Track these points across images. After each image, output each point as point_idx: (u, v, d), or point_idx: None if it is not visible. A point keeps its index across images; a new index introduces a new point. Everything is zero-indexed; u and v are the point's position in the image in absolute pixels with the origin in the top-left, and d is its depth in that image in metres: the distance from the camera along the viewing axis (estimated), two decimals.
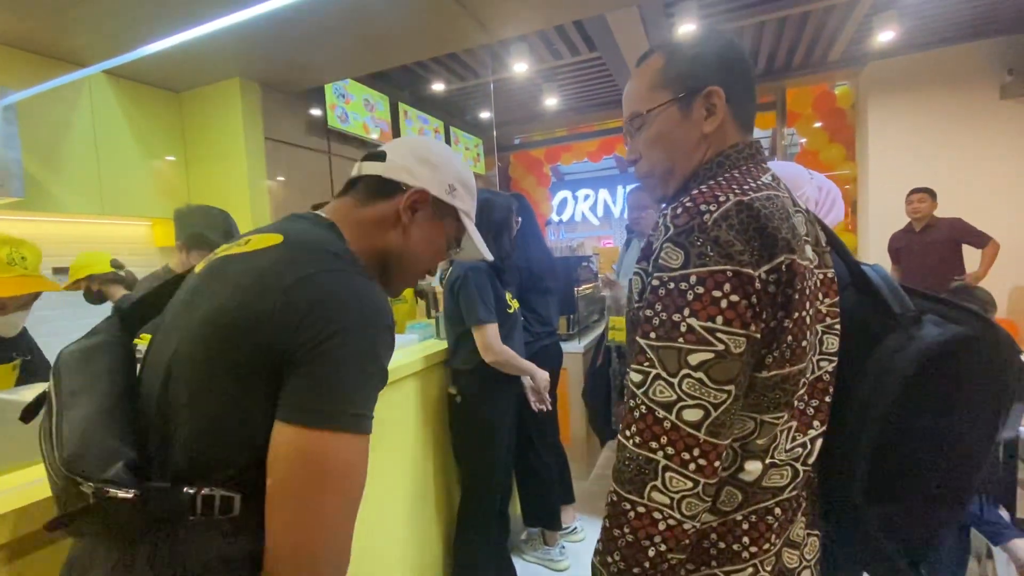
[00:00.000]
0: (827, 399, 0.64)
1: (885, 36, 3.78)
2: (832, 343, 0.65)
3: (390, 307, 0.59)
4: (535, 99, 5.20)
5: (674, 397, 0.53)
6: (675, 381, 0.53)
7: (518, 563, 2.01)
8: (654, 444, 0.54)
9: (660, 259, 0.56)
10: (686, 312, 0.53)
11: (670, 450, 0.53)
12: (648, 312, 0.55)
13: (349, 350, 0.52)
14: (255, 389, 0.52)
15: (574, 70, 4.57)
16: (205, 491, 0.51)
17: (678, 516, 0.53)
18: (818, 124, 4.95)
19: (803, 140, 5.09)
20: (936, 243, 3.41)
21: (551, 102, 5.10)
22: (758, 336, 0.54)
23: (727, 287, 0.52)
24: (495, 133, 5.35)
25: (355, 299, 0.55)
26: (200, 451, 0.52)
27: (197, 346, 0.55)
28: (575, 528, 2.30)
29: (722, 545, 0.61)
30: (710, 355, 0.52)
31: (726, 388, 0.53)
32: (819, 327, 0.64)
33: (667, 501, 0.53)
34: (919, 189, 3.45)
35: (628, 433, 0.56)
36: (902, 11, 3.60)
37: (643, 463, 0.54)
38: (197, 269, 0.66)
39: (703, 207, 0.55)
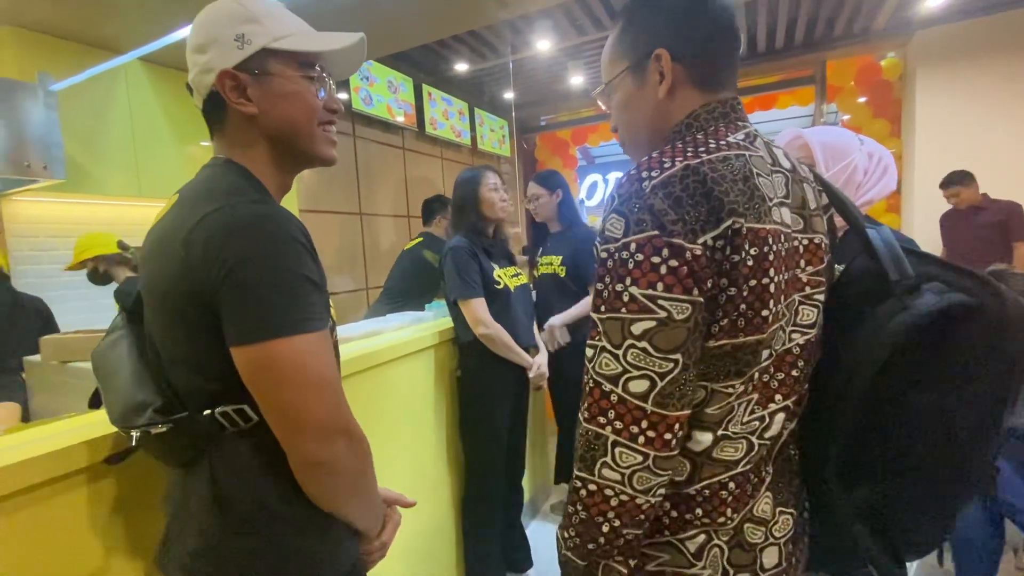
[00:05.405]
0: (794, 372, 0.61)
1: (935, 1, 3.52)
2: (809, 314, 0.62)
3: (294, 222, 0.62)
4: (560, 78, 5.10)
5: (619, 369, 0.52)
6: (619, 352, 0.52)
7: (548, 528, 2.01)
8: (602, 419, 0.53)
9: (606, 231, 0.55)
10: (628, 281, 0.52)
11: (618, 424, 0.52)
12: (599, 286, 0.55)
13: (257, 271, 0.57)
14: (208, 330, 0.59)
15: (600, 46, 4.45)
16: (219, 410, 0.62)
17: (630, 491, 0.53)
18: (862, 99, 4.66)
19: (846, 116, 4.81)
20: (983, 225, 3.24)
21: (577, 80, 4.99)
22: (702, 300, 0.52)
23: (666, 252, 0.51)
24: (514, 115, 5.30)
25: (247, 227, 0.58)
26: (199, 386, 0.63)
27: (158, 316, 0.65)
28: None
29: (675, 514, 0.60)
30: (652, 323, 0.51)
31: (672, 357, 0.51)
32: (797, 296, 0.61)
33: (618, 477, 0.53)
34: (946, 183, 3.35)
35: (582, 408, 0.56)
36: None
37: (592, 439, 0.54)
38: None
39: (644, 174, 0.54)
